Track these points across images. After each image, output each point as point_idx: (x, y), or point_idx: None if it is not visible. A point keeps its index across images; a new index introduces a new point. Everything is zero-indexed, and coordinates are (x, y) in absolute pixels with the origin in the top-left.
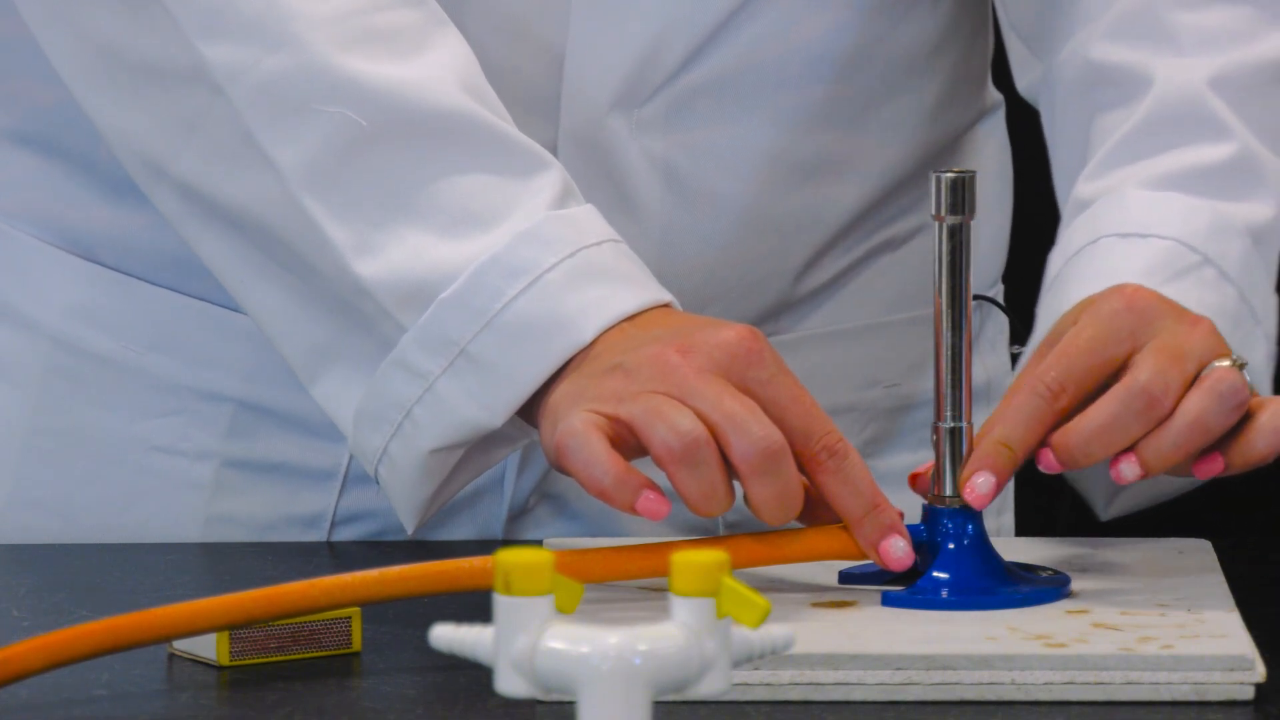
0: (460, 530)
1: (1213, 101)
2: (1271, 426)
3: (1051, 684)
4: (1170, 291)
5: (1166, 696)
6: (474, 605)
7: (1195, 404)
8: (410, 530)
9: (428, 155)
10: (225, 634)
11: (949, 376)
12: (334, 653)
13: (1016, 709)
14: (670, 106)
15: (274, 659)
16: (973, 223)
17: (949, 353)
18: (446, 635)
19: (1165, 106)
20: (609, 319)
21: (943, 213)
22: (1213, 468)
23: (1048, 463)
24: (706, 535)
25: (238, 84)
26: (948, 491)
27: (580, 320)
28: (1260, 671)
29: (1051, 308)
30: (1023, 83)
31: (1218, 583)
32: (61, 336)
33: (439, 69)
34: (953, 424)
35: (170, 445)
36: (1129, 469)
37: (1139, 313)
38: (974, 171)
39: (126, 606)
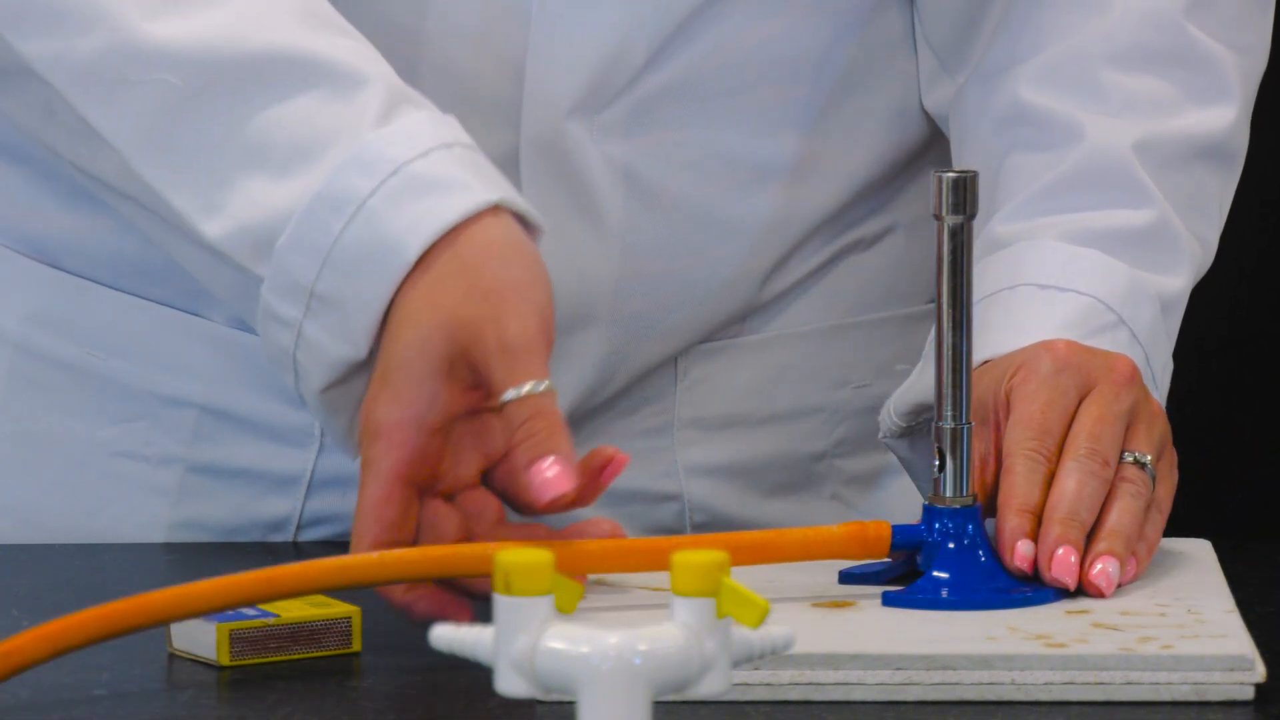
0: None
1: (1136, 167)
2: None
3: (1051, 684)
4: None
5: (1166, 696)
6: (474, 605)
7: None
8: (353, 457)
9: (249, 99)
10: (226, 634)
11: (949, 376)
12: (334, 652)
13: (1016, 709)
14: (631, 111)
15: (274, 659)
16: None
17: (949, 353)
18: (446, 635)
19: (1093, 163)
20: (431, 234)
21: (944, 212)
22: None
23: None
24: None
25: (58, 72)
26: (948, 492)
27: (405, 239)
28: (1260, 671)
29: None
30: (930, 98)
31: (1218, 583)
32: (23, 342)
33: (248, 7)
34: (953, 424)
35: (134, 451)
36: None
37: (1074, 368)
38: (975, 172)
39: None
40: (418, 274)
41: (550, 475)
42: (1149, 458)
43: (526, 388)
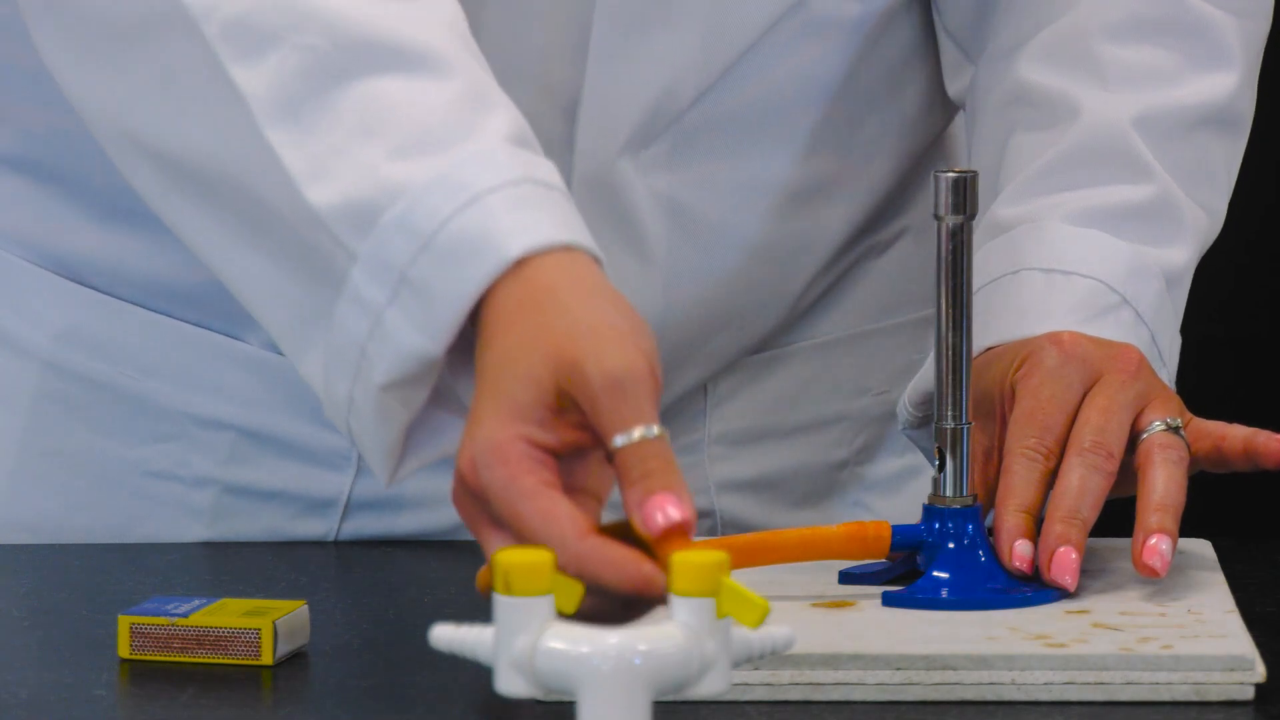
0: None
1: (1136, 142)
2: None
3: (1051, 684)
4: (1090, 330)
5: (1166, 696)
6: (474, 605)
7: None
8: (385, 483)
9: (388, 80)
10: (127, 627)
11: (949, 377)
12: (242, 662)
13: (1016, 709)
14: (674, 144)
15: (176, 659)
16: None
17: (949, 353)
18: (446, 635)
19: (1091, 141)
20: (539, 242)
21: (944, 213)
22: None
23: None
24: (707, 535)
25: (210, 19)
26: (948, 492)
27: (508, 239)
28: (1260, 671)
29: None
30: (954, 87)
31: (1218, 583)
32: (54, 360)
33: (421, 10)
34: (953, 424)
35: (168, 471)
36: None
37: (1080, 360)
38: (975, 171)
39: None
40: (512, 298)
41: (664, 505)
42: (1179, 421)
43: (637, 433)
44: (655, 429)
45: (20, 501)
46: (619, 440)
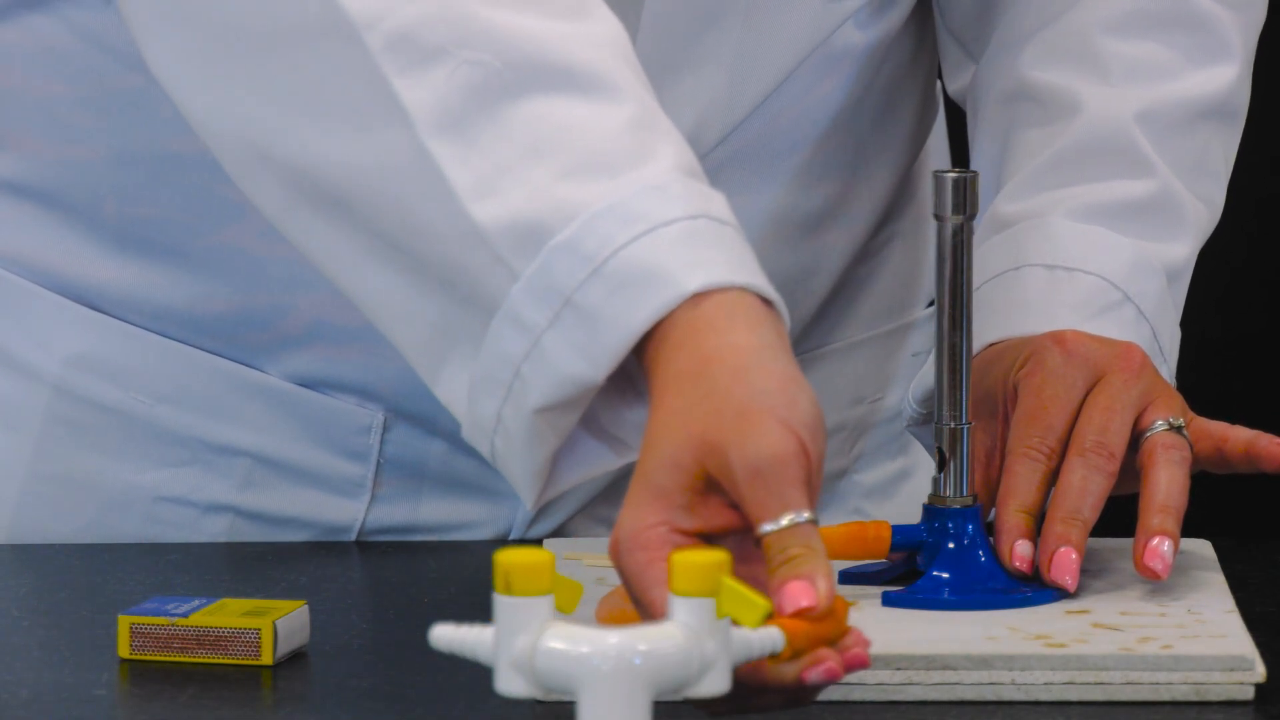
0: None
1: (1138, 137)
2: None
3: (1051, 684)
4: (1092, 327)
5: (1166, 696)
6: (474, 605)
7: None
8: (530, 506)
9: (563, 103)
10: (127, 627)
11: (948, 376)
12: (242, 661)
13: (1016, 709)
14: None
15: (176, 659)
16: None
17: (948, 352)
18: (446, 635)
19: (1093, 136)
20: (714, 280)
21: (945, 212)
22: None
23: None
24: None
25: (374, 30)
26: (949, 492)
27: (684, 274)
28: (1260, 671)
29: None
30: (954, 85)
31: (1218, 583)
32: (63, 385)
33: (589, 31)
34: (953, 424)
35: (181, 496)
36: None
37: (1083, 359)
38: (975, 172)
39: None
40: (682, 350)
41: (794, 594)
42: (1182, 421)
43: (785, 519)
44: (805, 514)
45: (29, 525)
46: (766, 527)
